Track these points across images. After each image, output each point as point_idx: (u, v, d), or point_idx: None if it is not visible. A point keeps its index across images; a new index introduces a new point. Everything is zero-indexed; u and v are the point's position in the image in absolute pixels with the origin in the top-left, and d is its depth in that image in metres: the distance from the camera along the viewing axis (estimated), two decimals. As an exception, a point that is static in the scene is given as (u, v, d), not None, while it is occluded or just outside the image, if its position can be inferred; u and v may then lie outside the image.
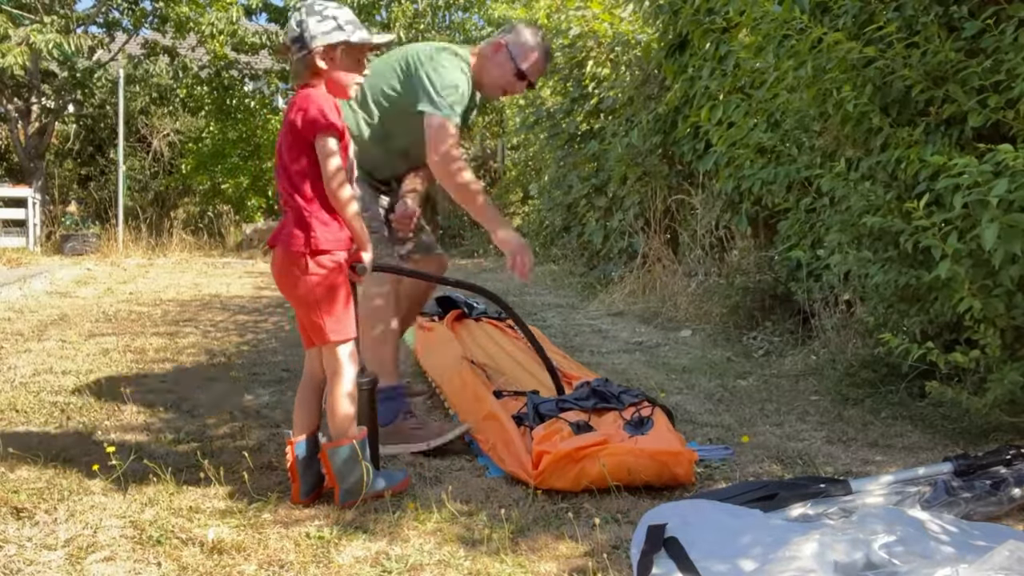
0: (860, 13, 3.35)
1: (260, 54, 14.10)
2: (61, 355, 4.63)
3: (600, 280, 7.73)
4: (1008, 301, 2.73)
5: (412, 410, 3.10)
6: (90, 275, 9.15)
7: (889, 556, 1.91)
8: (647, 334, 5.52)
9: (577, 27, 8.27)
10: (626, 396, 2.89)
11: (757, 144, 4.01)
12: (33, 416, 3.39)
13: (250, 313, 6.55)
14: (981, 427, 3.11)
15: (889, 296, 3.43)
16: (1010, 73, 2.73)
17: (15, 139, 12.60)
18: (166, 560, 2.09)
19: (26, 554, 2.12)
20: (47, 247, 11.85)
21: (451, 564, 2.07)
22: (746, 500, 2.35)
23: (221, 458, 2.88)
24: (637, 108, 7.35)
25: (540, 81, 10.52)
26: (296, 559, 2.10)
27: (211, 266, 10.69)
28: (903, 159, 3.01)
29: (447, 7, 13.25)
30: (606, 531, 2.21)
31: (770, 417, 3.44)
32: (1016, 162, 2.41)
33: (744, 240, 5.83)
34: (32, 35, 10.87)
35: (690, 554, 2.06)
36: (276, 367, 4.43)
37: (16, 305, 6.63)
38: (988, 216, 2.48)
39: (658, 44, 6.37)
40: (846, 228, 3.35)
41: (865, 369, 3.84)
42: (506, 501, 2.47)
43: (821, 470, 2.75)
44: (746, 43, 3.85)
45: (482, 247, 12.75)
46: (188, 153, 15.46)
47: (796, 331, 4.76)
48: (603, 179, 8.06)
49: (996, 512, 2.31)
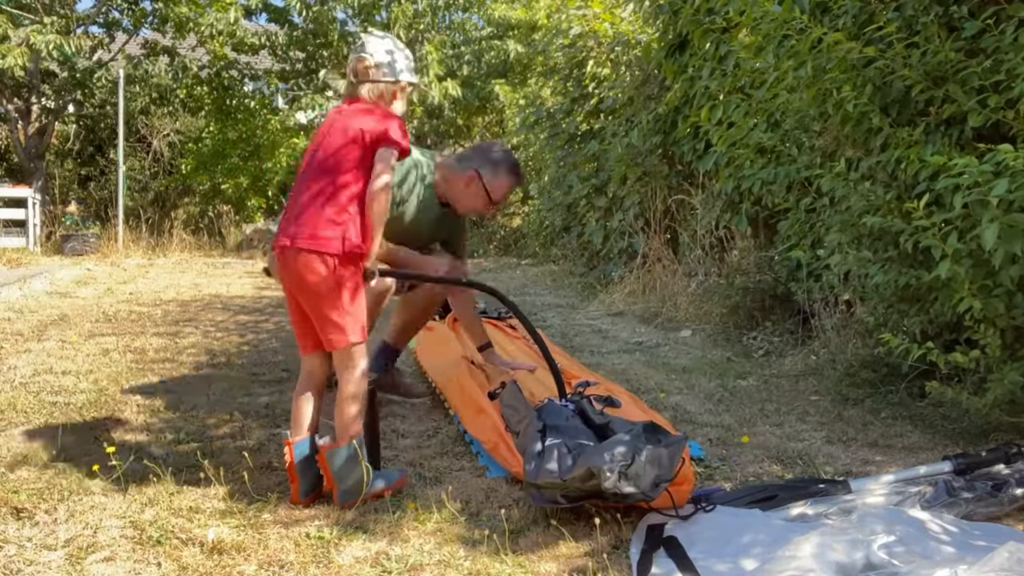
0: (860, 13, 3.35)
1: (260, 54, 14.10)
2: (61, 355, 4.63)
3: (600, 280, 7.74)
4: (1008, 301, 2.73)
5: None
6: (90, 275, 9.15)
7: (889, 556, 1.92)
8: (647, 334, 5.52)
9: (578, 27, 8.28)
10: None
11: (757, 144, 4.02)
12: (33, 416, 3.39)
13: (251, 313, 6.55)
14: (981, 427, 3.11)
15: (889, 296, 3.43)
16: (1010, 73, 2.73)
17: (15, 139, 12.60)
18: (166, 560, 2.09)
19: (26, 554, 2.12)
20: (47, 247, 11.86)
21: (451, 564, 2.07)
22: (746, 502, 2.35)
23: (221, 458, 2.88)
24: (637, 108, 7.35)
25: (541, 81, 10.59)
26: (296, 559, 2.10)
27: (211, 266, 10.69)
28: (903, 159, 3.01)
29: (447, 7, 13.25)
30: (606, 531, 2.21)
31: (770, 417, 3.44)
32: (1016, 162, 2.41)
33: (744, 240, 5.83)
34: (32, 36, 10.87)
35: (689, 553, 2.06)
36: (276, 367, 4.43)
37: (16, 305, 6.63)
38: (988, 216, 2.48)
39: (658, 44, 6.37)
40: (846, 228, 3.35)
41: (865, 369, 3.84)
42: (506, 501, 2.47)
43: (821, 470, 2.75)
44: (746, 43, 3.86)
45: (482, 247, 12.75)
46: (188, 153, 15.47)
47: (796, 331, 4.76)
48: (603, 179, 8.06)
49: (997, 512, 2.31)
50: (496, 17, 12.86)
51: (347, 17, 13.47)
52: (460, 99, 12.49)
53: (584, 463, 2.13)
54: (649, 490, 2.10)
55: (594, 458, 2.12)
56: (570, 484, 2.15)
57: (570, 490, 2.17)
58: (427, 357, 4.15)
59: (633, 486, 2.08)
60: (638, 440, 2.17)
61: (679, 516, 2.23)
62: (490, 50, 12.91)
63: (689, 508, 2.28)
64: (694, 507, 2.28)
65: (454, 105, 12.90)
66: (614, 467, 2.08)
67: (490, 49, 12.91)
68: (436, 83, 12.07)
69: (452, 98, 12.23)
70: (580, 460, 2.17)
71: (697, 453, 2.92)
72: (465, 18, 13.72)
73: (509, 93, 12.48)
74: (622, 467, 2.09)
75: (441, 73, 12.33)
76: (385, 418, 3.37)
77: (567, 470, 2.17)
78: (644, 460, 2.11)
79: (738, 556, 2.02)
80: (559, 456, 2.23)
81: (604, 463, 2.08)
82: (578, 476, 2.12)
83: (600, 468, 2.07)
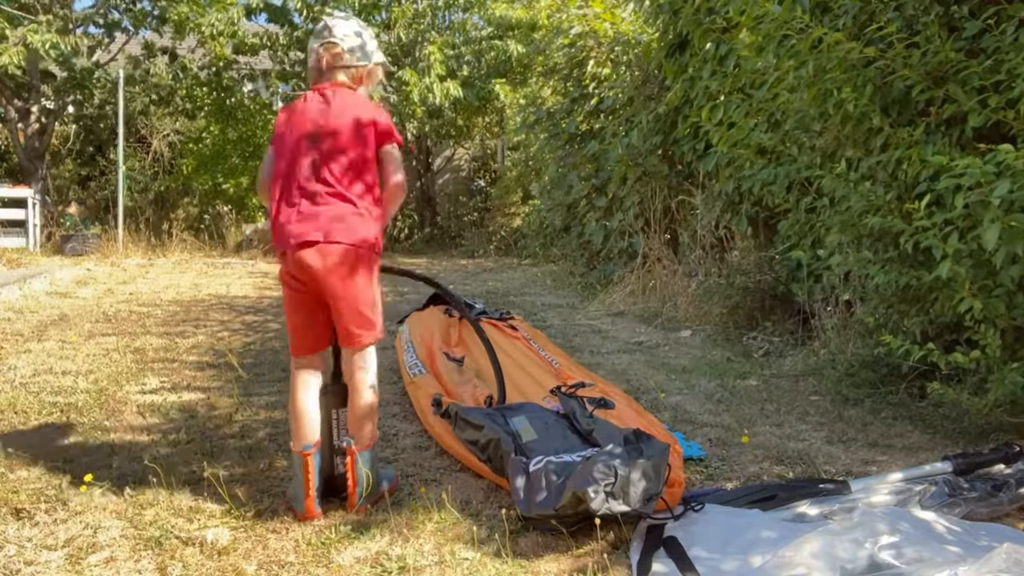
0: (860, 13, 3.35)
1: (260, 55, 14.09)
2: (61, 355, 4.63)
3: (600, 280, 7.73)
4: (1009, 301, 2.73)
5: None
6: (90, 275, 9.14)
7: (891, 557, 1.91)
8: (647, 334, 5.52)
9: (578, 26, 8.28)
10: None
11: (757, 144, 4.01)
12: (33, 416, 3.38)
13: (252, 313, 6.55)
14: (981, 427, 3.11)
15: (889, 297, 3.43)
16: (1010, 73, 2.73)
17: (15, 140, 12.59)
18: (166, 560, 2.09)
19: (26, 554, 2.11)
20: (47, 247, 11.85)
21: (451, 564, 2.07)
22: (746, 502, 2.35)
23: (221, 458, 2.87)
24: (637, 108, 7.35)
25: (541, 81, 10.60)
26: (296, 559, 2.10)
27: (211, 266, 10.68)
28: (903, 159, 3.01)
29: (447, 7, 13.24)
30: (606, 531, 2.21)
31: (770, 417, 3.44)
32: (1017, 162, 2.41)
33: (744, 240, 5.83)
34: (29, 35, 10.86)
35: (689, 553, 2.06)
36: (277, 367, 4.42)
37: (16, 305, 6.63)
38: (989, 216, 2.48)
39: (658, 44, 6.37)
40: (846, 228, 3.35)
41: (865, 369, 3.84)
42: (506, 501, 2.47)
43: (821, 470, 2.75)
44: (746, 43, 3.85)
45: (482, 247, 12.75)
46: (188, 154, 15.47)
47: (796, 331, 4.76)
48: (603, 179, 8.06)
49: (997, 512, 2.31)
50: (496, 17, 12.84)
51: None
52: (460, 99, 12.48)
53: (571, 488, 2.13)
54: (641, 506, 2.11)
55: (579, 482, 2.12)
56: (562, 512, 2.15)
57: (564, 517, 2.17)
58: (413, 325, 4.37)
59: (623, 504, 2.08)
60: (619, 456, 2.16)
61: (672, 517, 2.23)
62: (490, 50, 12.90)
63: (679, 508, 2.28)
64: (684, 507, 2.28)
65: (454, 105, 12.89)
66: (599, 489, 2.08)
67: (490, 49, 12.90)
68: (438, 83, 12.06)
69: (452, 98, 12.22)
70: (568, 484, 2.16)
71: (697, 453, 2.92)
72: (465, 18, 13.70)
73: (509, 93, 12.48)
74: (607, 487, 2.08)
75: (443, 73, 12.32)
76: (385, 418, 3.37)
77: (557, 498, 2.16)
78: (628, 475, 2.10)
79: (739, 556, 2.02)
80: (547, 484, 2.22)
81: (588, 485, 2.09)
82: (568, 504, 2.13)
83: (585, 491, 2.08)
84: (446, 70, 12.55)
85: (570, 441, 2.58)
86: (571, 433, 2.66)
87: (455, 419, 2.89)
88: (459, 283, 8.60)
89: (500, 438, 2.56)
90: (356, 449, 2.38)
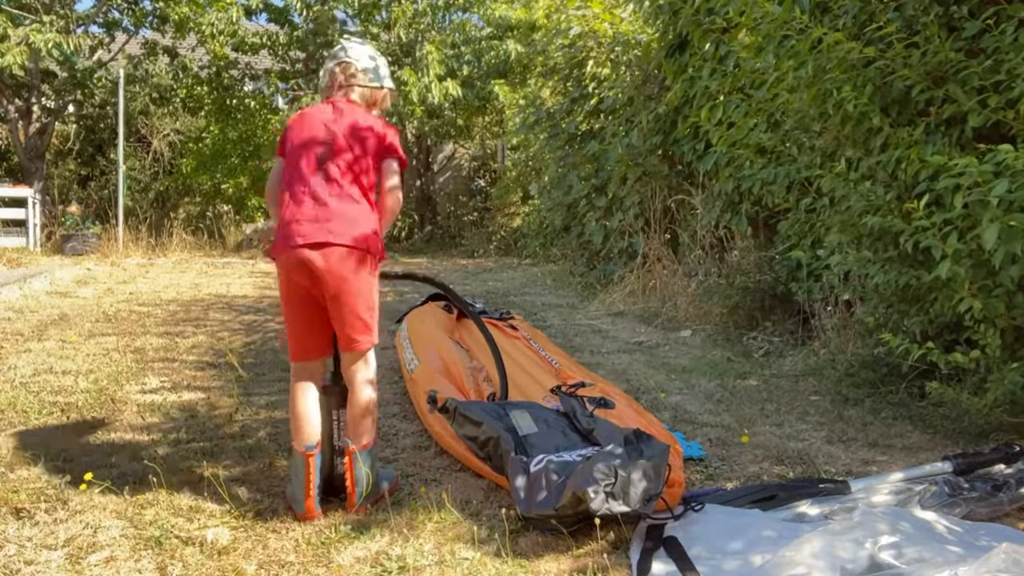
0: (860, 13, 3.35)
1: (260, 54, 14.09)
2: (61, 355, 4.63)
3: (600, 280, 7.73)
4: (1008, 301, 2.73)
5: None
6: (90, 275, 9.15)
7: (891, 557, 1.91)
8: (647, 334, 5.52)
9: (577, 27, 8.27)
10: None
11: (757, 144, 4.01)
12: (33, 416, 3.39)
13: (253, 313, 6.55)
14: (981, 427, 3.11)
15: (889, 296, 3.43)
16: (1010, 73, 2.73)
17: (15, 139, 12.59)
18: (166, 560, 2.09)
19: (26, 554, 2.11)
20: (47, 247, 11.85)
21: (451, 564, 2.07)
22: (746, 502, 2.35)
23: (221, 458, 2.88)
24: (637, 108, 7.35)
25: (540, 81, 10.60)
26: (296, 559, 2.10)
27: (211, 266, 10.68)
28: (903, 159, 3.01)
29: (447, 7, 13.24)
30: (606, 531, 2.21)
31: (770, 417, 3.44)
32: (1016, 162, 2.41)
33: (744, 240, 5.83)
34: (31, 35, 10.86)
35: (689, 553, 2.06)
36: (277, 367, 4.42)
37: (16, 305, 6.63)
38: (989, 216, 2.48)
39: (658, 44, 6.37)
40: (846, 228, 3.35)
41: (865, 369, 3.84)
42: (506, 501, 2.47)
43: (821, 470, 2.75)
44: (746, 43, 3.85)
45: (482, 247, 12.75)
46: (188, 153, 15.47)
47: (796, 331, 4.76)
48: (603, 179, 8.06)
49: (997, 512, 2.31)
50: (496, 17, 12.84)
51: (347, 17, 13.46)
52: (460, 99, 12.48)
53: (571, 488, 2.13)
54: (641, 506, 2.11)
55: (579, 482, 2.13)
56: (562, 512, 2.15)
57: (564, 517, 2.18)
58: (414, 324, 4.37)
59: (623, 504, 2.09)
60: (619, 456, 2.16)
61: (672, 517, 2.23)
62: (490, 50, 12.90)
63: (679, 508, 2.28)
64: (684, 507, 2.28)
65: (454, 105, 12.89)
66: (599, 489, 2.09)
67: (490, 49, 12.90)
68: (436, 83, 12.06)
69: (452, 98, 12.22)
70: (568, 483, 2.16)
71: (697, 453, 2.92)
72: (465, 18, 13.70)
73: (509, 93, 12.47)
74: (607, 487, 2.09)
75: (441, 73, 12.32)
76: (385, 418, 3.37)
77: (557, 498, 2.17)
78: (628, 475, 2.11)
79: (739, 556, 2.02)
80: (547, 483, 2.22)
81: (589, 485, 2.09)
82: (568, 504, 2.13)
83: (585, 491, 2.08)
84: (445, 70, 12.54)
85: (571, 439, 2.58)
86: (571, 431, 2.66)
87: (453, 415, 2.89)
88: (459, 283, 8.60)
89: (499, 436, 2.56)
90: (355, 449, 2.39)
